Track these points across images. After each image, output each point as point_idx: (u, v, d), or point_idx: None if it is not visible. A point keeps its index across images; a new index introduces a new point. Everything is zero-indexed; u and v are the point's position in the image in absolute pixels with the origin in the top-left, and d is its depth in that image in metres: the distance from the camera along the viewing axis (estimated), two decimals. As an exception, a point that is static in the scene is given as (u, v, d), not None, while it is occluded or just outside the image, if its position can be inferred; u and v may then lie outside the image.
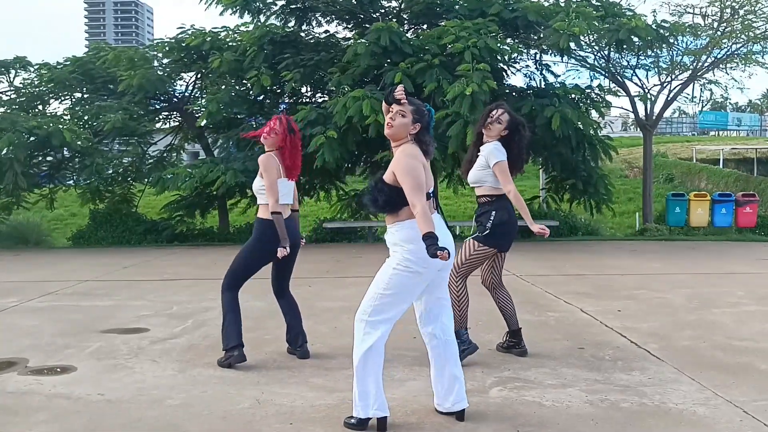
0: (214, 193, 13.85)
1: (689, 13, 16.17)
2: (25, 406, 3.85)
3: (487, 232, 4.56)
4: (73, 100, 15.86)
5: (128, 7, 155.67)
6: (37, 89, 15.41)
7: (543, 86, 13.96)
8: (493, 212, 4.56)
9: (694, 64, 15.83)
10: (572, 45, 12.21)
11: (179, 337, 5.46)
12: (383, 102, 3.69)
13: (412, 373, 4.41)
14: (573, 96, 12.65)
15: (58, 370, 4.56)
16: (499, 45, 11.86)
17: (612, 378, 4.28)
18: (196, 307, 6.66)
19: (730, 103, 67.12)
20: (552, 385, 4.14)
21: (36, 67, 15.49)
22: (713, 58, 15.71)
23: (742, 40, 15.35)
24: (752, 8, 15.27)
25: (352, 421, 3.44)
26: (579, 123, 12.21)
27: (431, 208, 3.41)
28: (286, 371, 4.49)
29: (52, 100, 15.74)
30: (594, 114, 14.07)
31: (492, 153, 4.50)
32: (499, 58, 12.32)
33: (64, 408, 3.82)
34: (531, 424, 3.52)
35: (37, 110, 15.24)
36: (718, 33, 15.45)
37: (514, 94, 13.28)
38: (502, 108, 4.65)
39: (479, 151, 4.64)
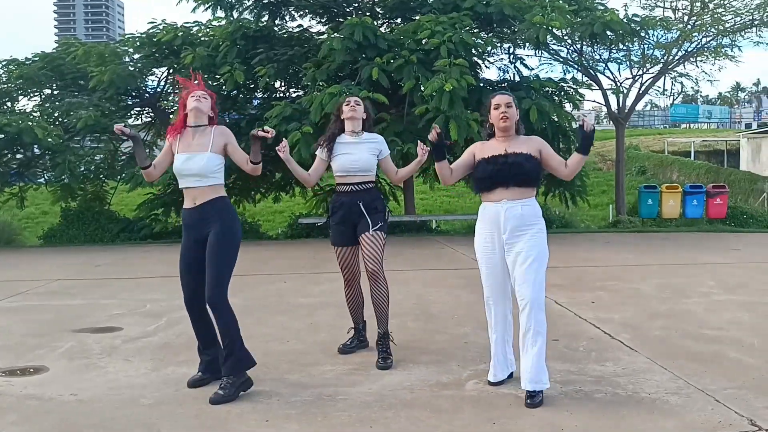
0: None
1: (660, 6, 16.36)
2: (-6, 408, 3.79)
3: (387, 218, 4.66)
4: (43, 96, 15.59)
5: (99, 2, 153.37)
6: (5, 86, 15.12)
7: (518, 80, 14.02)
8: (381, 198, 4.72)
9: (665, 57, 16.01)
10: (549, 38, 12.28)
11: (153, 336, 5.39)
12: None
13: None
14: (547, 89, 12.73)
15: (30, 370, 4.49)
16: (474, 39, 11.89)
17: (586, 369, 4.32)
18: (170, 305, 6.57)
19: (700, 95, 68.18)
20: (527, 377, 4.16)
21: (4, 63, 15.19)
22: (684, 52, 15.90)
23: (711, 33, 15.56)
24: (722, 2, 15.48)
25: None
26: (554, 116, 12.29)
27: None
28: (262, 368, 4.45)
29: (20, 97, 15.44)
30: (568, 107, 14.17)
31: (385, 143, 4.69)
32: (474, 52, 12.35)
33: (35, 409, 3.76)
34: (506, 417, 3.54)
35: (5, 107, 14.95)
36: (689, 27, 15.65)
37: (489, 87, 13.30)
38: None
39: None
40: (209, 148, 4.00)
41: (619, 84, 16.28)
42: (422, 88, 11.39)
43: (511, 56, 14.84)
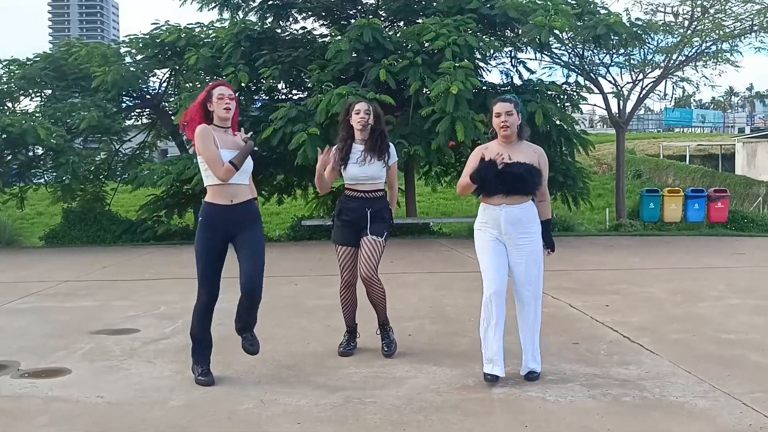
0: (189, 191, 13.68)
1: (661, 11, 16.46)
2: (23, 409, 3.77)
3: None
4: (44, 97, 15.53)
5: (93, 2, 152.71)
6: (6, 86, 15.05)
7: (521, 83, 14.07)
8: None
9: (666, 61, 16.09)
10: (552, 40, 12.35)
11: (171, 338, 5.39)
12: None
13: (413, 370, 4.42)
14: (551, 92, 12.79)
15: (52, 372, 4.47)
16: (479, 42, 11.94)
17: (610, 372, 4.34)
18: (185, 307, 6.50)
19: (694, 100, 68.50)
20: (553, 381, 4.18)
21: (5, 63, 15.12)
22: (684, 56, 15.99)
23: (712, 38, 15.65)
24: (722, 7, 15.58)
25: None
26: (558, 118, 12.36)
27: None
28: (286, 370, 4.46)
29: (21, 97, 15.39)
30: (569, 109, 14.23)
31: (394, 151, 4.77)
32: (477, 55, 12.41)
33: (64, 411, 3.75)
34: (538, 420, 3.55)
35: (5, 108, 14.89)
36: (689, 32, 15.73)
37: (492, 90, 13.36)
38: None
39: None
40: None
41: (620, 88, 16.36)
42: (426, 90, 11.43)
43: (513, 59, 14.92)
